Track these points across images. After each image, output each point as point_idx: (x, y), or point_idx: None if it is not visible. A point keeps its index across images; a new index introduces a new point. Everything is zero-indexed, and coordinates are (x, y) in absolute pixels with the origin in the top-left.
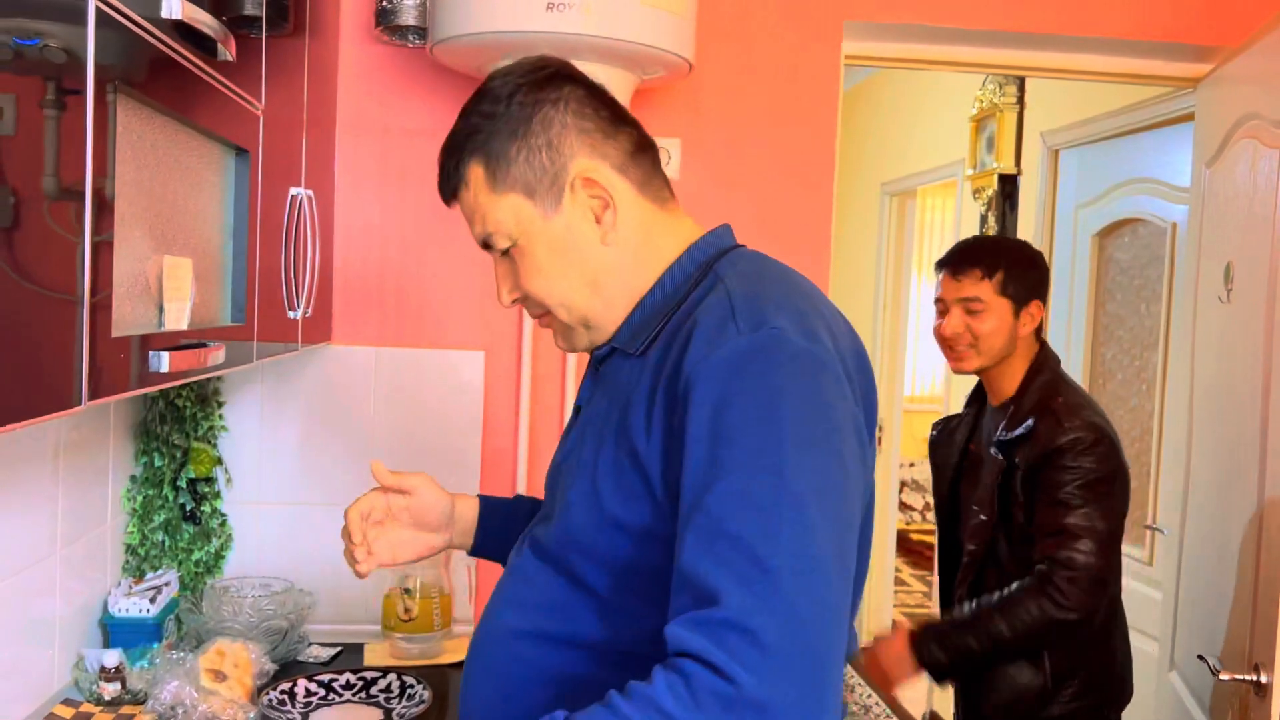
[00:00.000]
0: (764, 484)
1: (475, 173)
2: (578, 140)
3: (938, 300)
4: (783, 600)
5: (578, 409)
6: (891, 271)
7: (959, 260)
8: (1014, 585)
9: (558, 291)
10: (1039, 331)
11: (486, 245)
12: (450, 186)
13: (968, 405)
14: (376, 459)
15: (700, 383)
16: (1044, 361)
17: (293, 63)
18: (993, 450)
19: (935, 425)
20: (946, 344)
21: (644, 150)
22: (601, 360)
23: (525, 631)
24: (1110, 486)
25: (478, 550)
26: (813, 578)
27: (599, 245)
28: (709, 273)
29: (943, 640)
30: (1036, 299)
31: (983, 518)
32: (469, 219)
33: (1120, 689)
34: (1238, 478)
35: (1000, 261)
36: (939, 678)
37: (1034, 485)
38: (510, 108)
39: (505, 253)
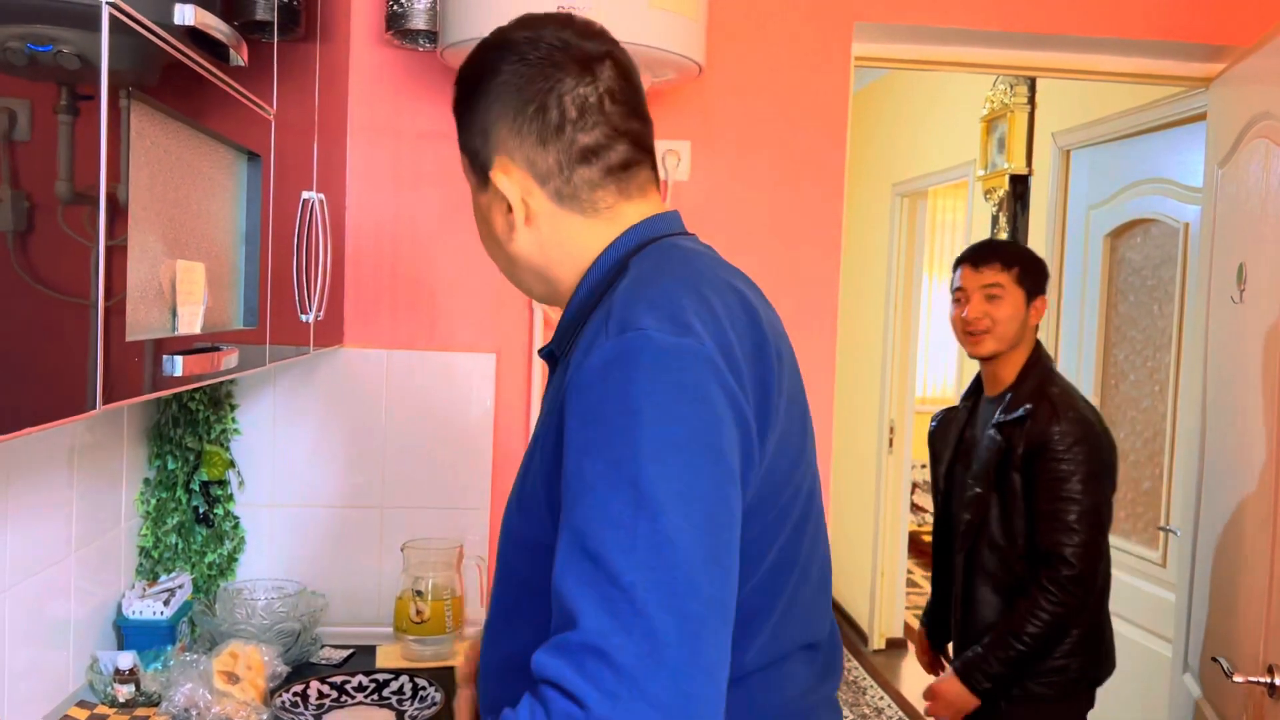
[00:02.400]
0: (622, 497)
1: (456, 119)
2: (506, 139)
3: (958, 290)
4: (640, 619)
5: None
6: (903, 272)
7: (981, 253)
8: (1019, 605)
9: (488, 250)
10: (1035, 330)
11: None
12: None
13: (965, 399)
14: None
15: (572, 395)
16: (1039, 356)
17: (304, 67)
18: (991, 431)
19: (935, 417)
20: (966, 327)
21: (589, 159)
22: (554, 363)
23: (491, 651)
24: (1100, 476)
25: None
26: (674, 592)
27: (508, 235)
28: (624, 269)
29: (983, 671)
30: (1042, 295)
31: (978, 490)
32: None
33: (1107, 656)
34: (1251, 479)
35: (1016, 257)
36: (993, 695)
37: (1032, 469)
38: (481, 82)
39: None
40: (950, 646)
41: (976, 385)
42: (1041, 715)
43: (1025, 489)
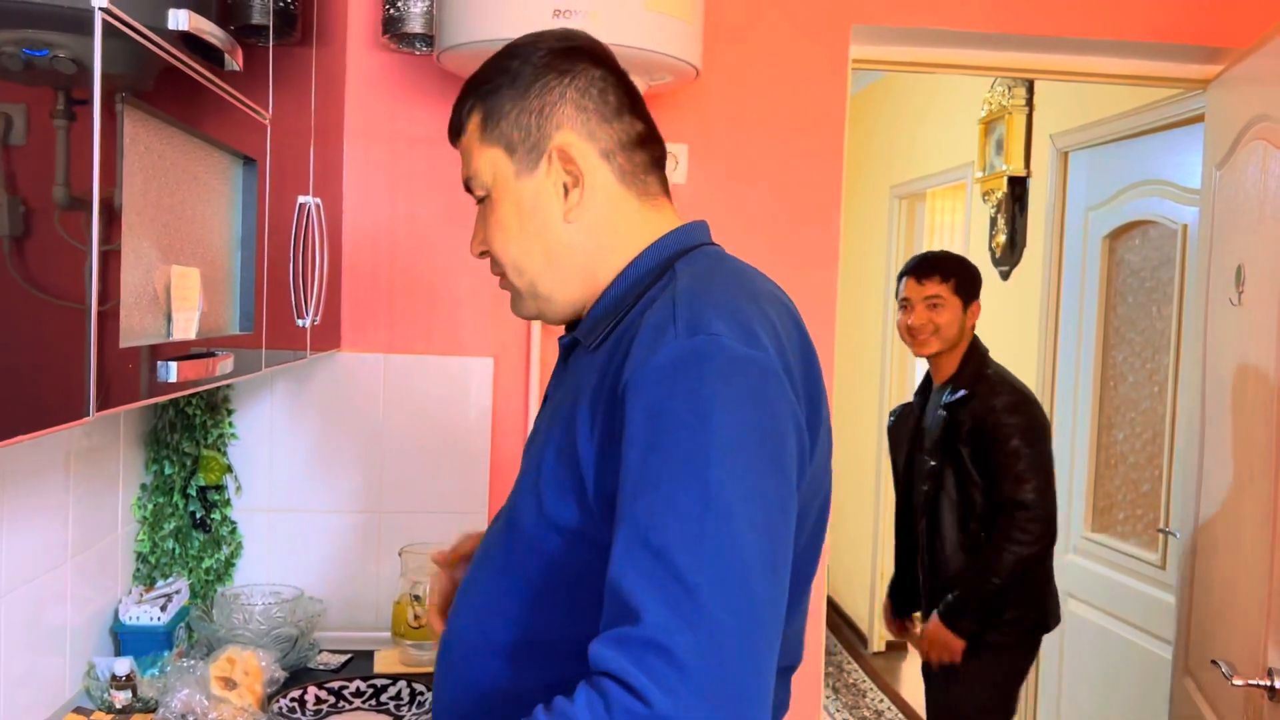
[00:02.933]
0: (690, 494)
1: (474, 118)
2: (570, 115)
3: (904, 300)
4: (704, 617)
5: (546, 398)
6: None
7: (922, 268)
8: (986, 550)
9: (514, 252)
10: (972, 328)
11: (468, 188)
12: (455, 127)
13: (917, 394)
14: (433, 551)
15: (636, 388)
16: (976, 347)
17: (300, 71)
18: (940, 412)
19: (892, 412)
20: (911, 333)
21: (643, 145)
22: (568, 351)
23: (470, 632)
24: (1043, 437)
25: None
26: (737, 593)
27: (561, 220)
28: (668, 270)
29: (962, 611)
30: (976, 301)
31: (932, 464)
32: (462, 159)
33: (1053, 610)
34: (1250, 481)
35: (953, 269)
36: (972, 636)
37: (981, 438)
38: (524, 68)
39: (481, 201)
40: (918, 615)
41: (926, 382)
42: (1001, 660)
43: (975, 457)
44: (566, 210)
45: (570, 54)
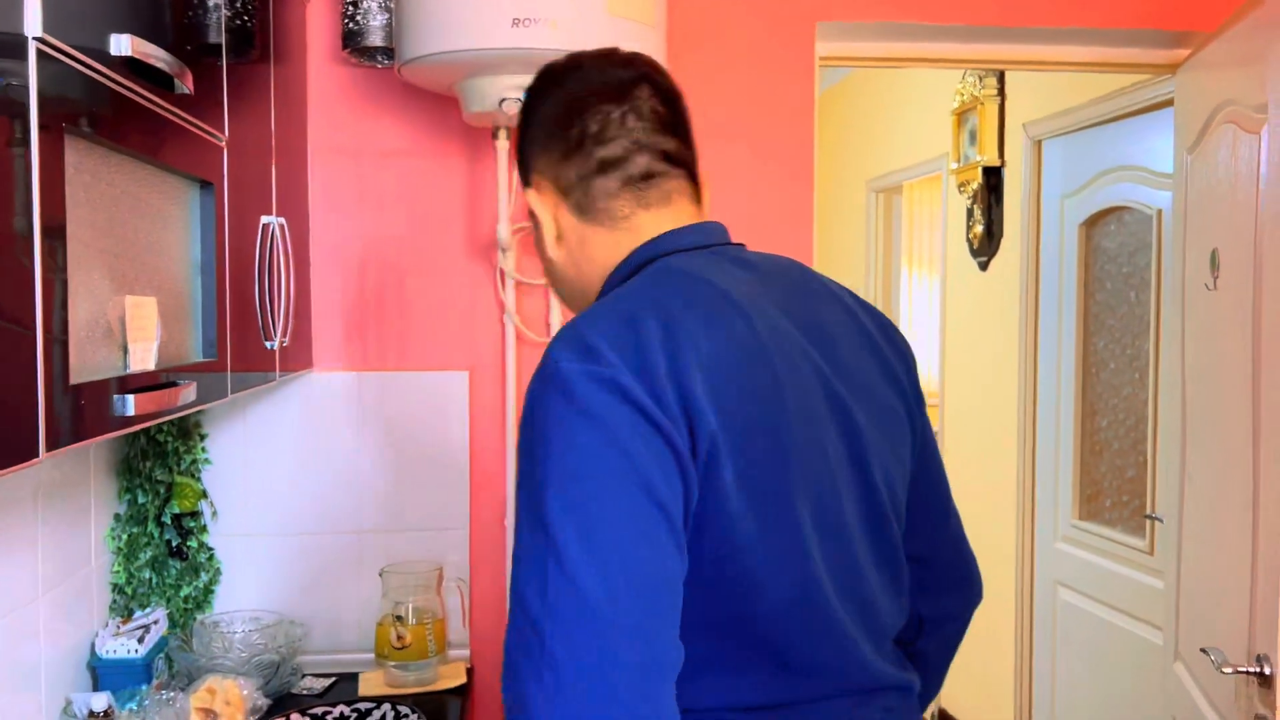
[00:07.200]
0: (537, 536)
1: None
2: (538, 157)
3: None
4: (550, 664)
5: None
6: (880, 267)
7: None
8: None
9: (544, 267)
10: None
11: None
12: None
13: None
14: None
15: None
16: None
17: (259, 89)
18: None
19: None
20: None
21: (606, 171)
22: None
23: None
24: None
25: None
26: (580, 633)
27: (545, 250)
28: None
29: None
30: None
31: None
32: None
33: None
34: (1231, 464)
35: None
36: None
37: None
38: (529, 110)
39: None
40: None
41: None
42: None
43: None
44: (542, 244)
45: (539, 91)
